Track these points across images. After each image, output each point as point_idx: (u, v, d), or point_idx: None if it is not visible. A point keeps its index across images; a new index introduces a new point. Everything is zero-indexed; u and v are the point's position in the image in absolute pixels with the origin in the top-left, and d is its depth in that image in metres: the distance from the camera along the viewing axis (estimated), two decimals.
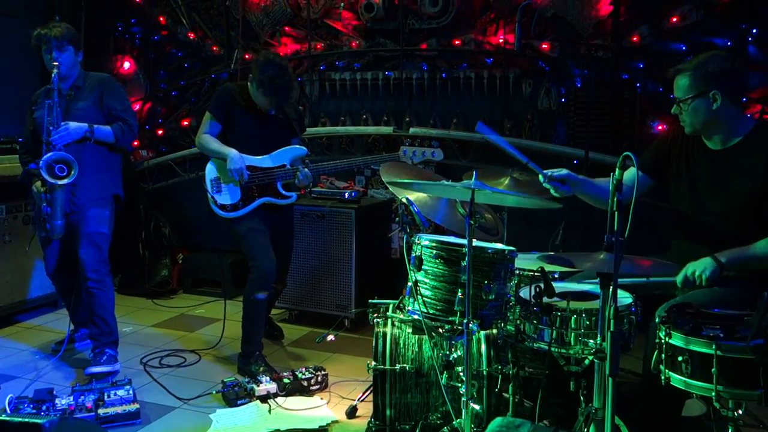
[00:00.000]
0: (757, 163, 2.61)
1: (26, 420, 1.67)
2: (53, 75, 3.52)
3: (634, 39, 4.32)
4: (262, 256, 3.65)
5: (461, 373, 2.51)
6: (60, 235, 3.59)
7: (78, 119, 3.58)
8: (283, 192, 3.77)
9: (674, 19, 4.19)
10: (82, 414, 3.09)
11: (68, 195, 3.56)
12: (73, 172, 3.47)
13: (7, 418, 1.70)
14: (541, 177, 2.79)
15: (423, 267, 2.59)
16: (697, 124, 2.70)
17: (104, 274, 3.69)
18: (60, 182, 3.46)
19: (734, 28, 4.10)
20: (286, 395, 3.39)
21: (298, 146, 3.84)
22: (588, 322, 2.33)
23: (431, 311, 2.56)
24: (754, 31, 4.06)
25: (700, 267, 2.53)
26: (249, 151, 3.68)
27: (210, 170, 3.74)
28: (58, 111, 3.51)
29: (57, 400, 3.15)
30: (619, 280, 2.06)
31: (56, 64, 3.53)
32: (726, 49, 4.06)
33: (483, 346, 2.73)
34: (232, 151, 3.62)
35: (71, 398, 3.18)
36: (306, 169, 3.71)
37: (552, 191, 2.82)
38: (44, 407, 3.09)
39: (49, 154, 3.45)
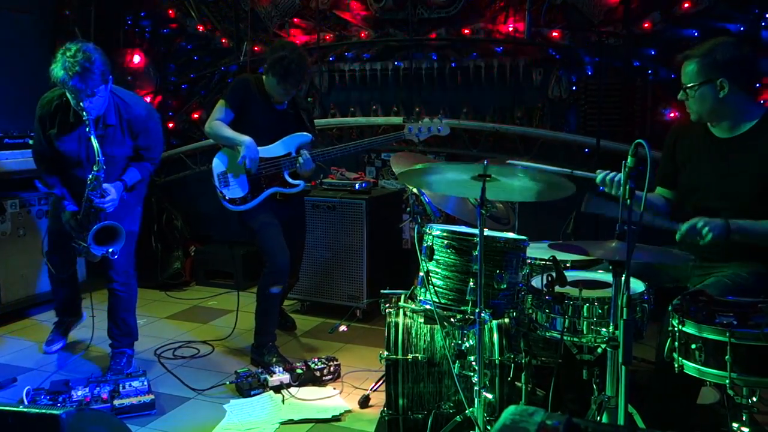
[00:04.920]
0: (765, 151, 2.59)
1: (43, 411, 1.68)
2: (96, 152, 3.15)
3: (646, 25, 4.28)
4: (277, 251, 3.65)
5: (473, 363, 2.51)
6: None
7: (110, 165, 3.32)
8: (291, 180, 3.76)
9: (686, 5, 4.16)
10: (98, 405, 3.12)
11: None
12: (118, 240, 3.32)
13: (25, 410, 1.72)
14: (599, 178, 2.75)
15: (434, 257, 2.59)
16: (702, 112, 2.68)
17: (131, 276, 3.65)
18: (107, 254, 3.32)
19: (747, 12, 4.05)
20: (299, 385, 3.41)
21: (303, 133, 3.79)
22: (600, 311, 2.33)
23: (443, 301, 2.56)
24: (767, 15, 4.01)
25: (710, 224, 2.50)
26: (259, 143, 3.67)
27: (217, 165, 3.74)
28: (102, 180, 3.26)
29: (73, 392, 3.18)
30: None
31: (87, 118, 3.13)
32: (737, 36, 4.03)
33: (495, 336, 2.73)
34: (247, 139, 3.60)
35: (87, 389, 3.21)
36: (306, 153, 3.67)
37: (612, 190, 2.75)
38: (61, 398, 3.13)
39: (96, 227, 3.28)
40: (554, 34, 4.51)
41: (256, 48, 5.35)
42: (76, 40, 3.21)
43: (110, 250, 3.32)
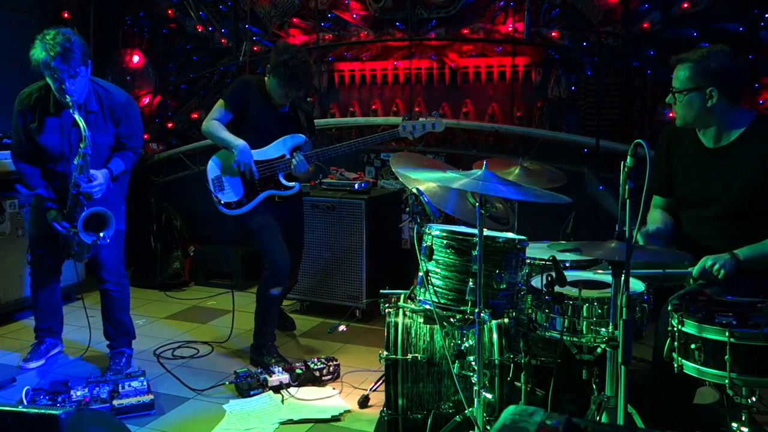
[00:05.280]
0: (753, 158, 2.57)
1: (43, 411, 1.68)
2: (83, 129, 3.14)
3: (645, 26, 4.28)
4: (277, 252, 3.64)
5: (473, 363, 2.51)
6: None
7: (93, 153, 3.27)
8: (285, 183, 3.75)
9: (685, 5, 4.16)
10: (98, 405, 3.12)
11: None
12: (108, 227, 3.28)
13: (24, 410, 1.71)
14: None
15: (434, 257, 2.59)
16: (688, 118, 2.66)
17: (123, 275, 3.66)
18: (98, 240, 3.27)
19: (746, 13, 4.06)
20: (298, 385, 3.41)
21: (296, 135, 3.76)
22: (600, 311, 2.33)
23: (442, 301, 2.56)
24: (767, 16, 4.01)
25: (719, 261, 2.48)
26: (257, 145, 3.66)
27: (211, 169, 3.71)
28: (89, 159, 3.22)
29: (72, 392, 3.18)
30: (633, 271, 2.05)
31: (70, 100, 3.13)
32: (736, 35, 4.03)
33: (494, 336, 2.73)
34: (241, 143, 3.59)
35: (86, 390, 3.21)
36: (300, 155, 3.66)
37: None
38: (60, 398, 3.13)
39: (85, 212, 3.25)
40: (553, 34, 4.52)
41: (255, 48, 5.35)
42: (54, 26, 3.21)
43: (101, 234, 3.29)
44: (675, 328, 2.12)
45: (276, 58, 3.56)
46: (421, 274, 2.61)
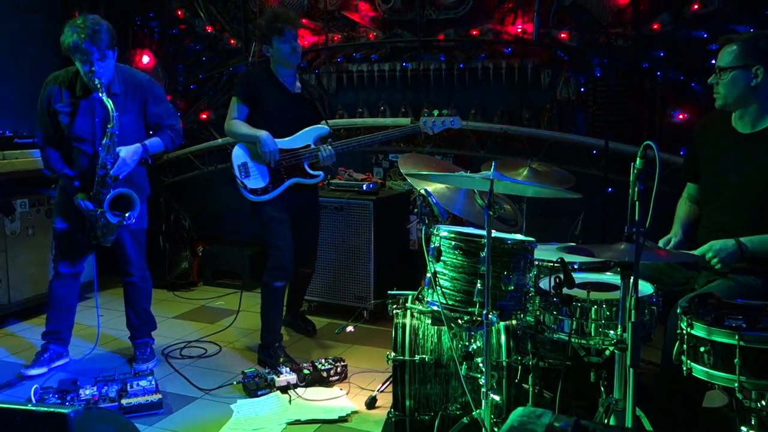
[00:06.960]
0: None
1: (51, 410, 1.69)
2: (110, 110, 3.25)
3: (655, 27, 4.26)
4: (282, 248, 3.67)
5: (481, 364, 2.51)
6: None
7: (120, 134, 3.35)
8: (311, 171, 3.77)
9: (695, 7, 4.14)
10: (106, 404, 3.14)
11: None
12: (134, 207, 3.39)
13: (33, 408, 1.72)
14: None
15: (442, 258, 2.58)
16: (730, 97, 2.68)
17: (146, 269, 3.81)
18: (123, 220, 3.37)
19: (756, 14, 4.03)
20: (306, 386, 3.41)
21: (321, 125, 3.80)
22: (608, 313, 2.32)
23: (450, 302, 2.55)
24: None
25: (722, 252, 2.53)
26: (276, 131, 3.65)
27: (237, 155, 3.70)
28: (117, 150, 3.34)
29: (81, 391, 3.20)
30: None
31: (98, 82, 3.23)
32: None
33: (502, 337, 2.72)
34: (263, 133, 3.59)
35: (95, 388, 3.23)
36: (329, 147, 3.71)
37: None
38: (69, 397, 3.14)
39: (111, 193, 3.35)
40: (563, 35, 4.50)
41: None
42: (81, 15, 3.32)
43: (126, 215, 3.39)
44: (684, 331, 2.11)
45: (261, 30, 3.71)
46: (428, 275, 2.61)
